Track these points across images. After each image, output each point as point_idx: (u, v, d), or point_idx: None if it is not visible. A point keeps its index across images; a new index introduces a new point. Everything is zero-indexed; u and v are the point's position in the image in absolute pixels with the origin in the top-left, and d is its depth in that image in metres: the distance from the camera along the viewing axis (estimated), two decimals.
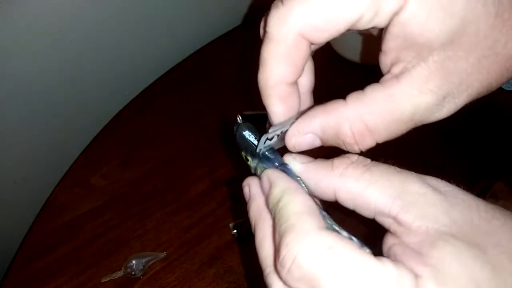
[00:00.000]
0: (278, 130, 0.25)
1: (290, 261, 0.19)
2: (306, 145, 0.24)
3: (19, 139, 0.70)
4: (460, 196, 0.20)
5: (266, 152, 0.26)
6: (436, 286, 0.17)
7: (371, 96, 0.22)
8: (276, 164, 0.25)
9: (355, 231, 0.21)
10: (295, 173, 0.24)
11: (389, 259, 0.19)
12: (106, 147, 0.68)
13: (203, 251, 0.51)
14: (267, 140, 0.25)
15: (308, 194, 0.23)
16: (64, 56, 0.68)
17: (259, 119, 0.30)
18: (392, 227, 0.20)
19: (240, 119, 0.28)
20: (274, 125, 0.25)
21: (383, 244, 0.21)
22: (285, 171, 0.24)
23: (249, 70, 0.29)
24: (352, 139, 0.23)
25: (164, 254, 0.52)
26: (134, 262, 0.50)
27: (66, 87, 0.72)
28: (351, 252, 0.18)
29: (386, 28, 0.21)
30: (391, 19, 0.20)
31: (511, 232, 0.19)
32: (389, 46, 0.22)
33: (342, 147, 0.24)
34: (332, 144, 0.24)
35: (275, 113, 0.25)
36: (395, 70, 0.22)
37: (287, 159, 0.25)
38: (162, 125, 0.70)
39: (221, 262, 0.50)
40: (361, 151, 0.23)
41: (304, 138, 0.24)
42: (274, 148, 0.27)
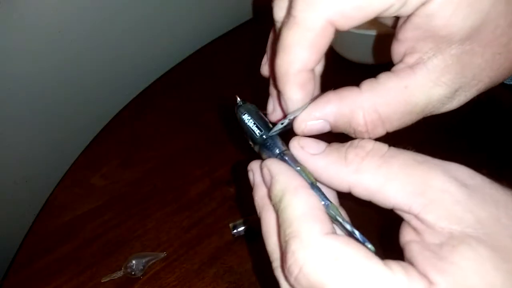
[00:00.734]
0: (286, 120, 0.24)
1: (297, 269, 0.19)
2: (315, 131, 0.24)
3: (19, 139, 0.70)
4: (488, 191, 0.19)
5: (267, 139, 0.25)
6: None
7: (385, 86, 0.22)
8: (277, 152, 0.24)
9: (369, 222, 0.20)
10: (298, 159, 0.23)
11: (399, 264, 0.18)
12: (106, 147, 0.68)
13: (203, 251, 0.51)
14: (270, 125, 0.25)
15: (310, 187, 0.22)
16: (64, 56, 0.68)
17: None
18: (413, 222, 0.19)
19: (239, 101, 0.27)
20: (289, 112, 0.24)
21: (400, 236, 0.20)
22: (286, 160, 0.23)
23: (249, 69, 0.29)
24: (364, 128, 0.23)
25: (164, 254, 0.52)
26: (134, 262, 0.50)
27: (66, 87, 0.72)
28: (358, 260, 0.18)
29: (408, 17, 0.21)
30: (417, 9, 0.20)
31: None
32: (406, 35, 0.22)
33: (351, 135, 0.23)
34: (342, 131, 0.24)
35: (292, 100, 0.24)
36: (410, 60, 0.22)
37: (293, 147, 0.23)
38: (162, 125, 0.70)
39: (221, 262, 0.50)
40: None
41: (314, 124, 0.24)
42: (276, 132, 0.25)
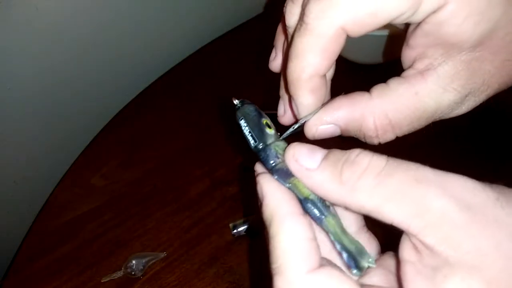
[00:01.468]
0: (297, 124, 0.24)
1: None
2: (326, 135, 0.24)
3: (19, 139, 0.70)
4: (491, 211, 0.18)
5: (260, 150, 0.24)
6: None
7: (396, 92, 0.22)
8: (271, 163, 0.23)
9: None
10: (291, 172, 0.22)
11: None
12: (106, 147, 0.68)
13: (203, 251, 0.51)
14: (268, 129, 0.24)
15: (301, 210, 0.21)
16: (64, 56, 0.68)
17: None
18: (412, 239, 0.19)
19: (237, 102, 0.26)
20: (300, 117, 0.24)
21: (399, 249, 0.19)
22: (277, 175, 0.23)
23: (249, 70, 0.29)
24: (374, 133, 0.23)
25: (164, 254, 0.52)
26: (134, 262, 0.50)
27: (66, 87, 0.72)
28: None
29: (419, 24, 0.21)
30: (428, 16, 0.20)
31: None
32: (417, 41, 0.22)
33: (361, 139, 0.24)
34: (352, 135, 0.24)
35: (304, 105, 0.24)
36: (420, 65, 0.22)
37: (288, 160, 0.22)
38: (162, 125, 0.70)
39: (221, 262, 0.50)
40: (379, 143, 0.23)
41: (325, 129, 0.24)
42: (274, 139, 0.24)
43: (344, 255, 0.21)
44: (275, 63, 0.28)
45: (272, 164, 0.23)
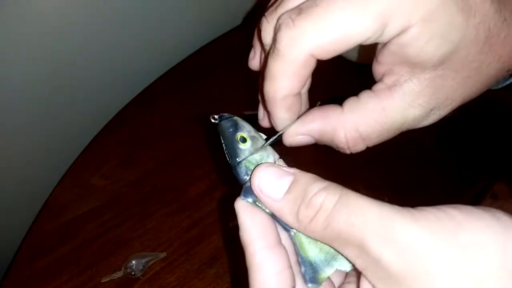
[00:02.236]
0: (276, 135, 0.26)
1: None
2: (302, 143, 0.26)
3: (19, 139, 0.70)
4: (427, 254, 0.18)
5: (232, 167, 0.26)
6: None
7: (366, 107, 0.24)
8: (242, 180, 0.25)
9: None
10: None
11: None
12: (106, 147, 0.68)
13: (203, 251, 0.51)
14: (242, 144, 0.25)
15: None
16: (64, 56, 0.68)
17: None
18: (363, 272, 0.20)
19: (216, 118, 0.27)
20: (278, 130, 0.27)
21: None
22: (246, 193, 0.24)
23: (248, 70, 0.29)
24: (345, 145, 0.25)
25: (164, 254, 0.52)
26: (134, 262, 0.50)
27: (66, 87, 0.72)
28: None
29: (385, 44, 0.23)
30: (393, 38, 0.22)
31: None
32: (385, 59, 0.24)
33: (335, 148, 0.26)
34: (326, 144, 0.26)
35: (281, 119, 0.26)
36: (388, 80, 0.24)
37: (253, 188, 0.23)
38: (162, 125, 0.70)
39: (221, 262, 0.50)
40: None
41: (301, 139, 0.26)
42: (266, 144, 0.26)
43: (302, 268, 0.22)
44: (254, 62, 0.30)
45: (243, 181, 0.25)
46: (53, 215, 0.59)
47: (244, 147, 0.25)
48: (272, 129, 0.27)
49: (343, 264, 0.22)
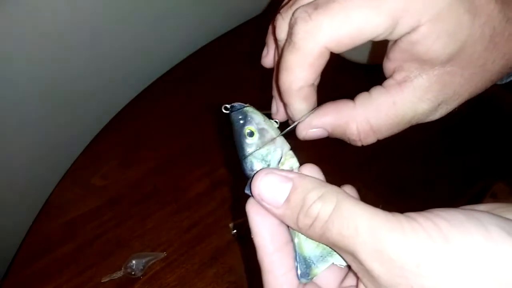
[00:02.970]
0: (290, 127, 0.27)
1: None
2: (315, 137, 0.27)
3: (19, 139, 0.70)
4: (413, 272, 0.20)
5: (240, 161, 0.26)
6: None
7: (377, 102, 0.25)
8: (247, 175, 0.26)
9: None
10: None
11: None
12: (106, 147, 0.68)
13: (203, 251, 0.51)
14: (249, 138, 0.26)
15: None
16: (64, 56, 0.68)
17: None
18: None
19: (228, 107, 0.27)
20: (295, 120, 0.28)
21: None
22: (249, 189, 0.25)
23: (249, 70, 0.29)
24: (357, 137, 0.26)
25: (164, 254, 0.52)
26: (134, 262, 0.50)
27: (66, 87, 0.72)
28: None
29: (395, 41, 0.24)
30: (403, 36, 0.23)
31: None
32: (395, 56, 0.25)
33: (347, 141, 0.27)
34: (338, 137, 0.27)
35: (298, 110, 0.27)
36: (398, 77, 0.25)
37: (254, 195, 0.24)
38: (162, 125, 0.70)
39: (221, 262, 0.50)
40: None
41: (314, 132, 0.27)
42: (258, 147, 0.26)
43: (295, 263, 0.24)
44: (267, 60, 0.31)
45: (248, 176, 0.25)
46: (53, 215, 0.59)
47: (251, 141, 0.26)
48: (285, 124, 0.28)
49: (339, 260, 0.23)
